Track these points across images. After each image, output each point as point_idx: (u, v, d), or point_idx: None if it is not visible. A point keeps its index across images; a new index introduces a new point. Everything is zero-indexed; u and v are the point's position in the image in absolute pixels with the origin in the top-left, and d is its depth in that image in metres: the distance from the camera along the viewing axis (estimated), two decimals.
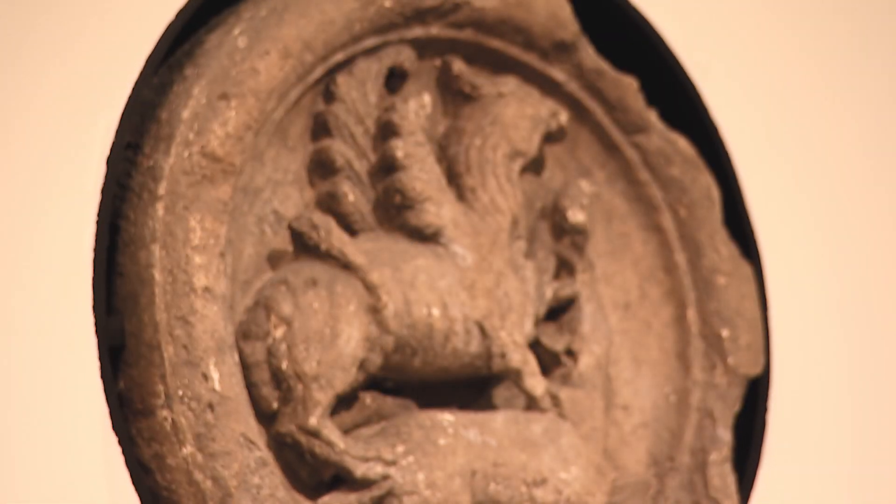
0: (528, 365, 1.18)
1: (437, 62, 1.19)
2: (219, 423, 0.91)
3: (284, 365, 0.97)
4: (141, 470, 0.92)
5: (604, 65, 1.28)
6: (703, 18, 1.49)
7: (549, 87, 1.27)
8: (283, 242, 1.07)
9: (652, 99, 1.36)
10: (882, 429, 1.41)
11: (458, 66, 1.18)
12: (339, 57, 1.08)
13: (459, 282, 1.11)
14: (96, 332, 0.90)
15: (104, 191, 0.93)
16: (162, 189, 0.93)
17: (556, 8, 1.21)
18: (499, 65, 1.24)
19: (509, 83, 1.22)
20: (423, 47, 1.17)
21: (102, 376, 0.90)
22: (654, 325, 1.37)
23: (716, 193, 1.35)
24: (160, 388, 0.91)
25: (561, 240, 1.29)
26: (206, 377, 0.92)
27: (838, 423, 1.43)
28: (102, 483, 0.92)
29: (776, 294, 1.38)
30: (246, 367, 0.98)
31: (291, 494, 0.98)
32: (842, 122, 1.58)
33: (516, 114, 1.20)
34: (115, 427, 0.91)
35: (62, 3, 0.96)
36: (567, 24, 1.22)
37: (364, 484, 0.98)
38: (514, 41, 1.21)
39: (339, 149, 1.10)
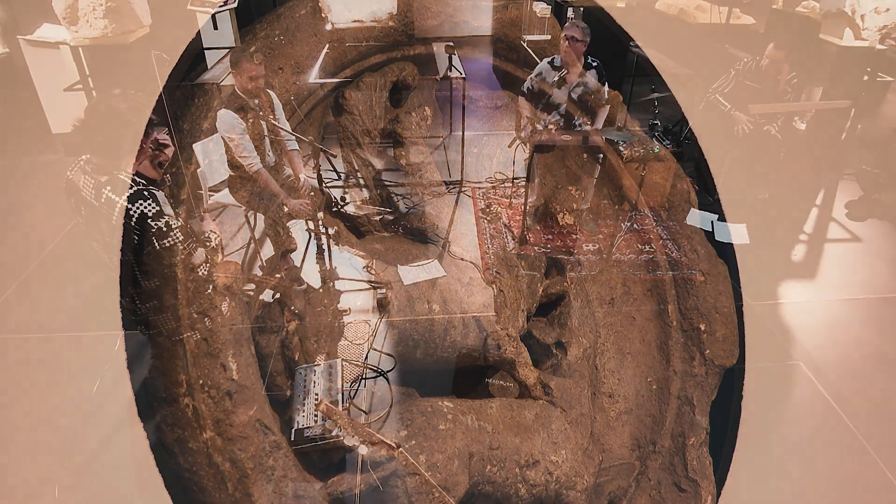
0: (521, 356, 1.26)
1: (438, 76, 1.27)
2: (236, 410, 0.97)
3: (297, 356, 1.03)
4: (164, 453, 0.98)
5: (590, 79, 1.36)
6: (683, 36, 1.55)
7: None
8: (295, 243, 1.13)
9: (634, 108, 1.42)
10: (849, 416, 1.46)
11: (456, 80, 1.25)
12: (348, 73, 1.15)
13: (458, 279, 1.16)
14: (124, 325, 0.97)
15: (131, 196, 0.98)
16: (184, 194, 1.00)
17: (547, 28, 1.29)
18: (495, 79, 1.31)
19: (503, 96, 1.31)
20: (425, 63, 1.26)
21: (129, 367, 0.97)
22: (637, 319, 1.46)
23: (694, 197, 1.43)
24: (182, 377, 0.96)
25: None
26: (224, 367, 0.98)
27: (808, 411, 1.47)
28: (129, 465, 0.99)
29: (750, 291, 1.43)
30: (261, 358, 1.05)
31: (303, 475, 1.04)
32: (811, 130, 1.65)
33: (511, 124, 1.26)
34: (140, 413, 0.97)
35: (92, 24, 1.01)
36: (557, 42, 1.29)
37: (371, 465, 1.03)
38: (509, 58, 1.31)
39: (347, 157, 1.16)
